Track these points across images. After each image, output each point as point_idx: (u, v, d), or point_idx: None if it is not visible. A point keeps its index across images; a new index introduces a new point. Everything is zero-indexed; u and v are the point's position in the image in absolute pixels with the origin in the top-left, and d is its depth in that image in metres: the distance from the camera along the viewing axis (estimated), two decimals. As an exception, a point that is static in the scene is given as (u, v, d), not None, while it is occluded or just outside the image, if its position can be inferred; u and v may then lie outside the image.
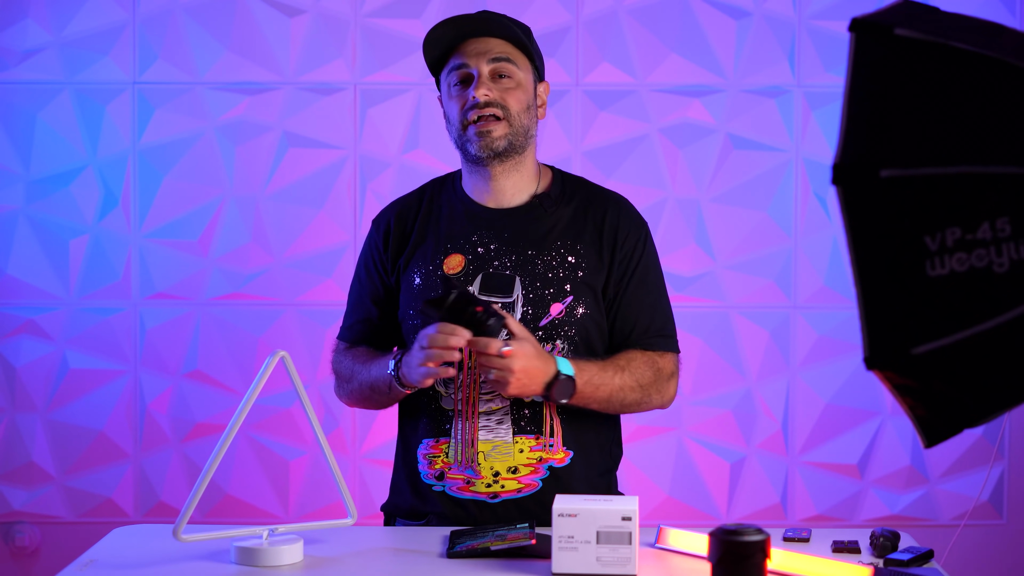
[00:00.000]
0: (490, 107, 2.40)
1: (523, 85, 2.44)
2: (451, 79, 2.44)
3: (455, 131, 2.45)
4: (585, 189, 2.53)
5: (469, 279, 2.42)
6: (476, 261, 2.43)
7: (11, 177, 3.65)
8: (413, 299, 2.45)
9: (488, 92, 2.40)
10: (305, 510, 3.68)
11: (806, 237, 3.68)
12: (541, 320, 2.39)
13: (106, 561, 2.16)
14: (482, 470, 2.39)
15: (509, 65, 2.42)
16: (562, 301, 2.40)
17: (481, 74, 2.41)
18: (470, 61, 2.41)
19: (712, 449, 3.71)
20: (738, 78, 3.67)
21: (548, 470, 2.40)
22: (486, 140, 2.41)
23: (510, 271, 2.42)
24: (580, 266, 2.43)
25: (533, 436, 2.39)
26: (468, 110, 2.41)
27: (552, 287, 2.41)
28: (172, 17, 3.63)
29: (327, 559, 2.17)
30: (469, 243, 2.45)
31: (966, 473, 3.70)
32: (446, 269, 2.43)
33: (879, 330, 1.60)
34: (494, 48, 2.42)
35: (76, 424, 3.68)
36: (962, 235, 1.54)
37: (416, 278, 2.46)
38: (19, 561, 3.72)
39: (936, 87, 1.55)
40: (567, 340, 2.40)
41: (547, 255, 2.43)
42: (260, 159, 3.66)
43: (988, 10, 3.62)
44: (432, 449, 2.43)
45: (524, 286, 2.41)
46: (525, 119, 2.44)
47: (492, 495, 2.39)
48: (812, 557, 2.07)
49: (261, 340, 3.67)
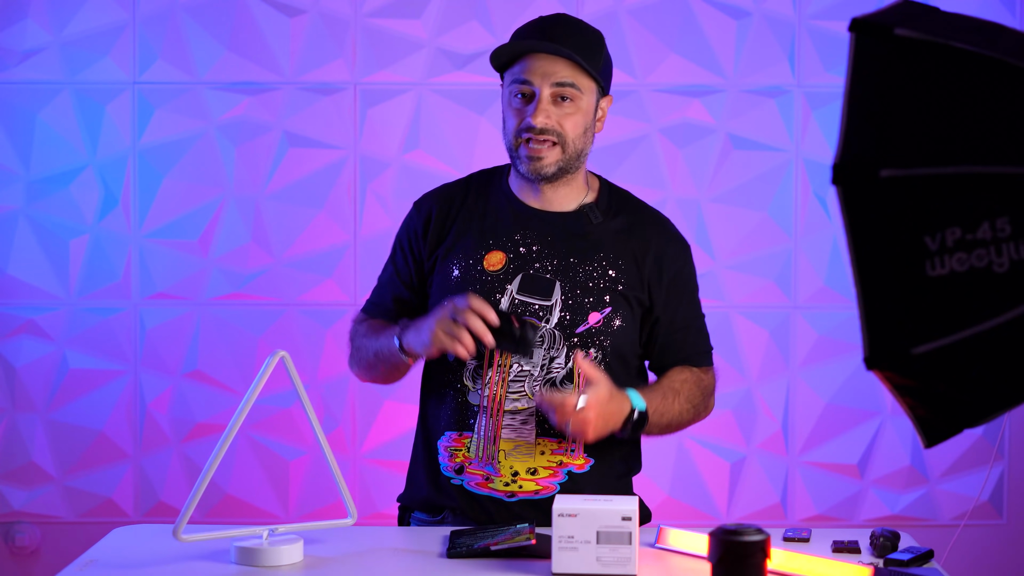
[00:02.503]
0: (546, 133, 2.38)
1: (583, 109, 2.41)
2: (512, 89, 2.40)
3: (507, 140, 2.43)
4: (631, 204, 2.53)
5: (509, 277, 2.42)
6: (517, 260, 2.43)
7: (11, 177, 3.65)
8: (449, 290, 2.43)
9: (547, 119, 2.36)
10: (305, 510, 3.68)
11: (806, 237, 3.68)
12: (578, 327, 2.40)
13: (106, 561, 2.16)
14: (502, 468, 2.39)
15: (572, 90, 2.38)
16: (600, 311, 2.41)
17: (542, 98, 2.37)
18: (534, 80, 2.37)
19: (712, 449, 3.71)
20: (738, 78, 3.67)
21: (567, 475, 2.41)
22: (536, 165, 2.39)
23: (550, 275, 2.42)
24: (620, 280, 2.43)
25: (556, 440, 2.40)
26: (524, 130, 2.39)
27: (592, 296, 2.41)
28: (172, 17, 3.63)
29: (327, 559, 2.17)
30: (512, 241, 2.44)
31: (966, 473, 3.70)
32: (486, 265, 2.42)
33: (879, 330, 1.60)
34: (560, 72, 2.37)
35: (76, 424, 3.68)
36: (962, 235, 1.54)
37: (455, 270, 2.44)
38: (19, 561, 3.72)
39: (936, 87, 1.55)
40: (600, 349, 2.41)
41: (589, 265, 2.43)
42: (260, 159, 3.66)
43: (988, 10, 3.62)
44: (454, 442, 2.43)
45: (564, 292, 2.41)
46: (580, 143, 2.42)
47: (509, 494, 2.40)
48: (812, 557, 2.07)
49: (261, 340, 3.67)
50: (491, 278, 2.41)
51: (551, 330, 2.40)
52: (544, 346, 2.38)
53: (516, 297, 2.40)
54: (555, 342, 2.40)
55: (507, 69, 2.42)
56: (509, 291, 2.41)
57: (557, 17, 2.44)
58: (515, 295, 2.40)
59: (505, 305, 2.40)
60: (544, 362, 2.39)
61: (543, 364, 2.39)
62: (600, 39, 2.44)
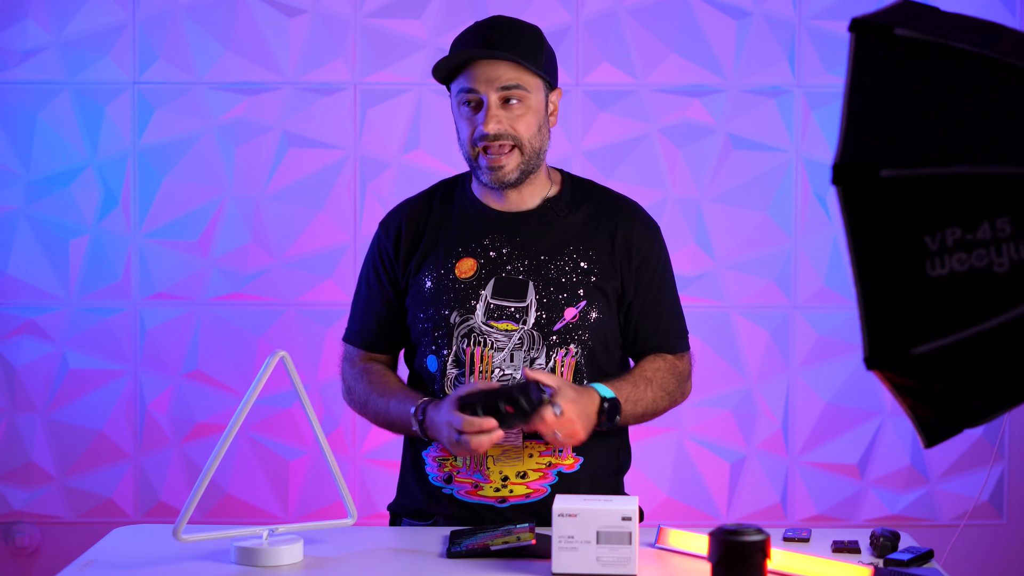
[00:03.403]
0: (501, 139, 2.37)
1: (534, 107, 2.40)
2: (460, 98, 2.40)
3: (464, 150, 2.43)
4: (596, 193, 2.52)
5: (482, 283, 2.41)
6: (488, 265, 2.43)
7: (11, 177, 3.65)
8: (424, 303, 2.44)
9: (499, 124, 2.36)
10: (305, 510, 3.68)
11: (806, 237, 3.68)
12: (555, 324, 2.40)
13: (106, 561, 2.16)
14: (491, 474, 2.39)
15: (519, 91, 2.37)
16: (575, 306, 2.41)
17: (490, 104, 2.36)
18: (479, 87, 2.36)
19: (712, 449, 3.71)
20: (738, 78, 3.67)
21: (557, 475, 2.41)
22: (497, 175, 2.39)
23: (523, 276, 2.41)
24: (592, 271, 2.43)
25: (543, 441, 2.39)
26: (479, 139, 2.38)
27: (565, 292, 2.41)
28: (172, 17, 3.63)
29: (327, 559, 2.17)
30: (481, 247, 2.44)
31: (966, 473, 3.70)
32: (458, 273, 2.42)
33: (879, 330, 1.60)
34: (503, 75, 2.36)
35: (76, 424, 3.68)
36: (962, 235, 1.54)
37: (427, 281, 2.44)
38: (19, 561, 3.72)
39: (936, 87, 1.55)
40: (580, 344, 2.41)
41: (560, 260, 2.43)
42: (260, 159, 3.66)
43: (988, 10, 3.62)
44: (441, 452, 2.42)
45: (537, 291, 2.40)
46: (537, 142, 2.41)
47: (500, 499, 2.39)
48: (812, 557, 2.07)
49: (261, 340, 3.67)
50: (464, 285, 2.41)
51: (529, 331, 2.40)
52: (524, 348, 2.38)
53: (491, 302, 2.39)
54: (534, 343, 2.39)
55: (452, 80, 2.42)
56: (483, 296, 2.40)
57: (492, 21, 2.44)
58: (489, 300, 2.40)
59: (480, 311, 2.39)
60: (525, 364, 2.39)
61: (524, 367, 2.39)
62: (539, 35, 2.44)
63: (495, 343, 2.39)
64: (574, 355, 2.40)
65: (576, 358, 2.40)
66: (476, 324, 2.39)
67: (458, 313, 2.40)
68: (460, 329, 2.39)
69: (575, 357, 2.40)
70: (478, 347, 2.39)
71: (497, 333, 2.39)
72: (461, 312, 2.40)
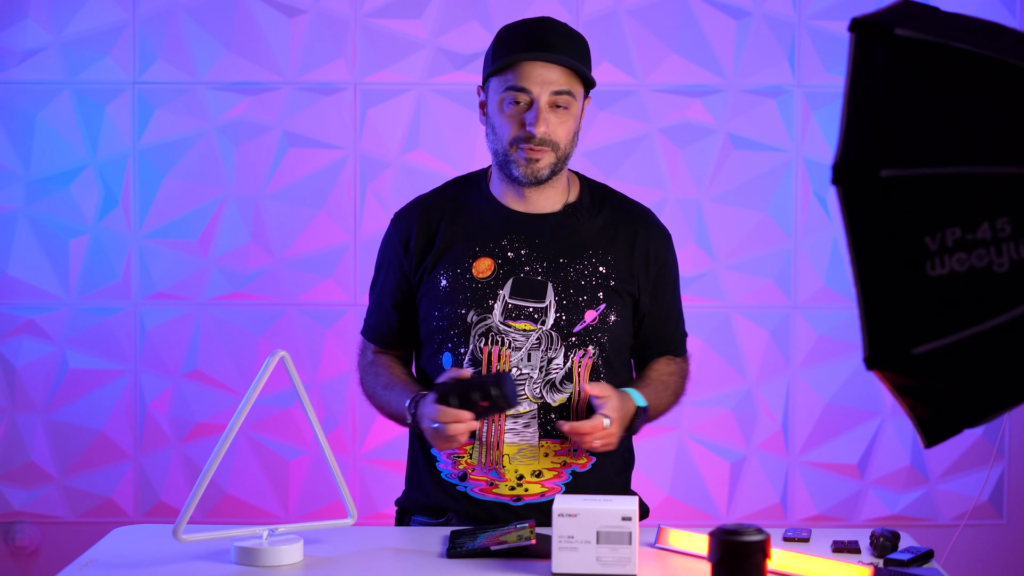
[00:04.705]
0: (543, 143, 2.38)
1: (575, 115, 2.42)
2: (508, 96, 2.39)
3: (499, 146, 2.42)
4: (613, 199, 2.55)
5: (499, 283, 2.42)
6: (506, 265, 2.43)
7: (11, 177, 3.65)
8: (439, 301, 2.44)
9: (547, 127, 2.37)
10: (305, 510, 3.68)
11: (806, 237, 3.68)
12: (575, 326, 2.42)
13: (106, 561, 2.16)
14: (506, 472, 2.40)
15: (568, 98, 2.38)
16: (595, 308, 2.43)
17: (541, 106, 2.37)
18: (532, 88, 2.36)
19: (712, 449, 3.71)
20: (738, 78, 3.67)
21: (571, 474, 2.42)
22: (532, 167, 2.40)
23: (541, 277, 2.43)
24: (611, 276, 2.45)
25: (559, 440, 2.41)
26: (523, 140, 2.38)
27: (585, 294, 2.43)
28: (172, 17, 3.63)
29: (327, 559, 2.17)
30: (499, 247, 2.45)
31: (966, 473, 3.70)
32: (475, 273, 2.43)
33: (879, 330, 1.60)
34: (557, 80, 2.37)
35: (76, 424, 3.67)
36: (962, 235, 1.54)
37: (443, 280, 2.45)
38: (19, 561, 3.72)
39: (936, 87, 1.55)
40: (598, 346, 2.43)
41: (579, 264, 2.44)
42: (260, 159, 3.66)
43: (988, 10, 3.62)
44: (456, 448, 2.42)
45: (557, 292, 2.42)
46: (570, 148, 2.44)
47: (515, 498, 2.41)
48: (812, 557, 2.07)
49: (261, 340, 3.67)
50: (481, 285, 2.42)
51: (547, 331, 2.40)
52: (541, 347, 2.40)
53: (509, 302, 2.41)
54: (552, 343, 2.40)
55: (496, 74, 2.41)
56: (501, 296, 2.41)
57: (546, 23, 2.43)
58: (508, 300, 2.41)
59: (499, 311, 2.40)
60: (543, 364, 2.40)
61: (541, 366, 2.40)
62: (586, 43, 2.46)
63: (513, 342, 2.40)
64: (592, 356, 2.42)
65: (593, 359, 2.43)
66: (494, 323, 2.40)
67: (475, 312, 2.41)
68: (477, 328, 2.41)
69: (592, 358, 2.43)
70: (495, 346, 2.40)
71: (515, 333, 2.41)
72: (479, 311, 2.41)
